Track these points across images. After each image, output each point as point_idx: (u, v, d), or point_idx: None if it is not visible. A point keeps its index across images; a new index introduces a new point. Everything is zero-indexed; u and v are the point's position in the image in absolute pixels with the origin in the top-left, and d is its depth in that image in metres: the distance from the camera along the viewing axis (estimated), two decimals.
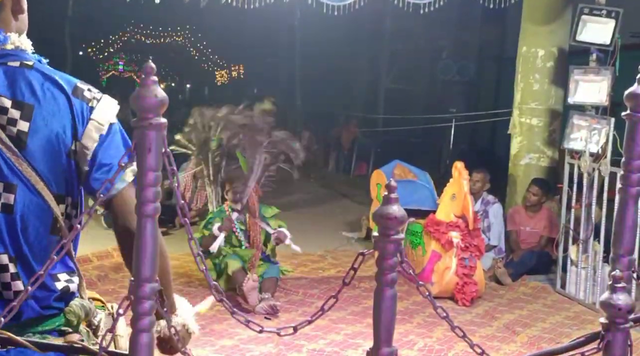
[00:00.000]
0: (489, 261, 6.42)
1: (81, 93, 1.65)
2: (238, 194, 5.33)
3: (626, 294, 1.33)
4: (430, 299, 1.40)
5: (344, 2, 6.07)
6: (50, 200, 1.61)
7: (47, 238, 1.63)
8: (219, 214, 5.41)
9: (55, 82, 1.63)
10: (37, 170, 1.60)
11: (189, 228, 1.34)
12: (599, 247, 5.60)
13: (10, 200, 1.59)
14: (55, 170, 1.61)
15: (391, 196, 1.26)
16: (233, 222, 5.33)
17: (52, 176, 1.61)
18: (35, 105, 1.59)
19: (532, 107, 6.93)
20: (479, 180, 6.51)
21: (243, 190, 5.31)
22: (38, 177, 1.59)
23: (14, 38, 1.65)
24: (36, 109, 1.59)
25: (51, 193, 1.61)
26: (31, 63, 1.64)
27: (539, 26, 6.86)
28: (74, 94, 1.64)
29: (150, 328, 1.20)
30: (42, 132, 1.59)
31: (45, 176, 1.60)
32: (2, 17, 1.67)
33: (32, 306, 1.63)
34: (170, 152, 1.22)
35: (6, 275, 1.61)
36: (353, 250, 6.94)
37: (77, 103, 1.63)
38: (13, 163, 1.58)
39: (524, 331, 4.93)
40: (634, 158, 1.50)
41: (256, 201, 5.39)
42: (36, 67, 1.64)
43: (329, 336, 4.66)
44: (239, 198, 5.33)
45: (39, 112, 1.59)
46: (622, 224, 1.53)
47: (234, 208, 5.38)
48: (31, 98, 1.60)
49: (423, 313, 5.17)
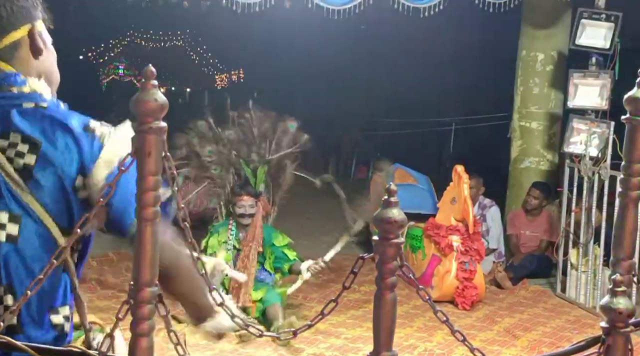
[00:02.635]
0: (489, 265, 6.42)
1: (92, 130, 1.64)
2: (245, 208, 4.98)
3: (626, 298, 1.33)
4: (431, 303, 1.39)
5: (344, 6, 6.07)
6: (56, 233, 1.61)
7: (54, 271, 1.63)
8: (221, 226, 5.10)
9: (66, 120, 1.63)
10: (43, 203, 1.60)
11: (189, 232, 1.34)
12: (599, 250, 5.60)
13: (14, 231, 1.59)
14: (60, 204, 1.61)
15: (391, 200, 1.26)
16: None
17: (58, 209, 1.61)
18: (43, 141, 1.60)
19: (531, 110, 6.93)
20: (473, 186, 6.50)
21: (252, 205, 4.99)
22: (43, 209, 1.60)
23: (31, 82, 1.64)
24: (44, 144, 1.60)
25: (57, 226, 1.61)
26: (45, 105, 1.64)
27: (538, 30, 6.86)
28: (85, 130, 1.63)
29: (150, 332, 1.20)
30: (49, 167, 1.60)
31: (51, 209, 1.60)
32: (20, 57, 1.66)
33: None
34: (170, 155, 1.22)
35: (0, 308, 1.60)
36: (353, 254, 6.93)
37: (86, 138, 1.62)
38: (19, 195, 1.58)
39: (524, 335, 4.93)
40: (634, 161, 1.50)
41: (260, 217, 5.03)
42: (50, 108, 1.64)
43: (329, 341, 4.65)
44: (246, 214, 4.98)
45: (46, 147, 1.60)
46: (622, 228, 1.52)
47: (241, 223, 5.02)
48: (41, 135, 1.60)
49: (423, 317, 5.16)
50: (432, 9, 6.16)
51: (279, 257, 5.01)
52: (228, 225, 5.06)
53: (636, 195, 1.51)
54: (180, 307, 1.75)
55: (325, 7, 6.06)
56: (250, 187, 5.15)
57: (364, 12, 6.18)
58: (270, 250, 5.01)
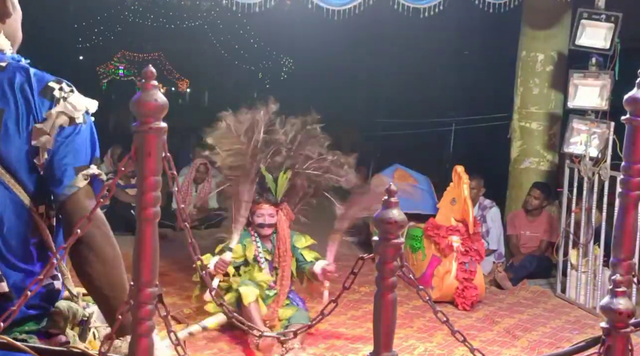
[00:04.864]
0: (489, 265, 6.42)
1: (50, 93, 1.62)
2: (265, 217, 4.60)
3: (626, 298, 1.33)
4: (431, 303, 1.40)
5: (344, 7, 6.07)
6: (28, 201, 1.61)
7: (28, 239, 1.63)
8: (242, 238, 4.61)
9: (27, 82, 1.61)
10: (12, 172, 1.59)
11: (189, 232, 1.34)
12: (599, 251, 5.60)
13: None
14: (28, 172, 1.61)
15: (391, 200, 1.26)
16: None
17: (27, 177, 1.61)
18: (5, 109, 1.59)
19: (531, 111, 6.94)
20: (474, 187, 6.50)
21: (272, 214, 4.61)
22: (13, 178, 1.59)
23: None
24: (6, 113, 1.59)
25: (27, 194, 1.61)
26: (4, 64, 1.63)
27: (538, 30, 6.87)
28: (41, 94, 1.61)
29: (150, 332, 1.20)
30: (13, 135, 1.59)
31: (20, 177, 1.60)
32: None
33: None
34: (170, 156, 1.22)
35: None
36: (353, 255, 6.93)
37: (42, 103, 1.61)
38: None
39: (524, 335, 4.93)
40: (634, 162, 1.50)
41: (286, 227, 4.66)
42: (10, 67, 1.62)
43: (329, 341, 4.66)
44: (267, 223, 4.60)
45: (9, 115, 1.59)
46: (622, 228, 1.52)
47: (261, 233, 4.64)
48: (0, 101, 1.59)
49: (423, 317, 5.16)
50: (432, 9, 6.16)
51: (299, 261, 4.67)
52: (251, 237, 4.64)
53: (636, 196, 1.51)
54: (180, 307, 1.75)
55: (325, 8, 6.06)
56: (271, 195, 4.70)
57: (364, 12, 6.17)
58: (293, 253, 4.68)
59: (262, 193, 4.66)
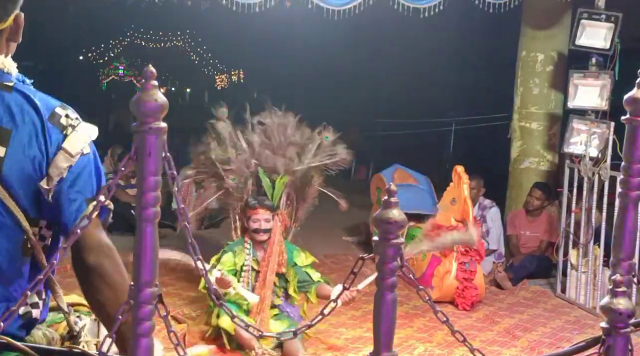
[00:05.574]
0: (489, 265, 6.42)
1: (57, 120, 1.63)
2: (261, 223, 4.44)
3: (627, 298, 1.33)
4: (431, 303, 1.39)
5: (344, 6, 6.07)
6: (24, 222, 1.61)
7: (18, 260, 1.63)
8: (235, 245, 4.50)
9: (33, 105, 1.62)
10: (11, 194, 1.59)
11: (190, 233, 1.34)
12: (599, 251, 5.60)
13: None
14: (30, 194, 1.61)
15: (391, 200, 1.26)
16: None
17: (27, 200, 1.61)
18: (13, 130, 1.59)
19: (531, 111, 6.94)
20: (474, 187, 6.50)
21: (268, 219, 4.44)
22: (12, 199, 1.59)
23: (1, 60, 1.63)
24: (13, 134, 1.59)
25: (25, 215, 1.61)
26: (11, 84, 1.63)
27: (538, 30, 6.87)
28: (50, 120, 1.62)
29: (150, 332, 1.20)
30: (18, 157, 1.59)
31: (21, 199, 1.60)
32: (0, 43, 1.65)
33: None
34: (170, 156, 1.22)
35: None
36: (353, 254, 6.93)
37: (52, 130, 1.62)
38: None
39: (524, 335, 4.93)
40: (634, 162, 1.50)
41: (279, 233, 4.49)
42: (16, 89, 1.63)
43: (329, 341, 4.65)
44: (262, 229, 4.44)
45: (16, 136, 1.59)
46: (622, 228, 1.53)
47: (255, 239, 4.46)
48: (9, 122, 1.59)
49: (423, 317, 5.16)
50: (432, 9, 6.17)
51: (302, 280, 4.44)
52: (244, 244, 4.47)
53: (636, 196, 1.51)
54: (180, 307, 1.75)
55: (325, 8, 6.06)
56: (267, 200, 4.58)
57: (364, 12, 6.18)
58: (293, 271, 4.45)
59: (258, 198, 4.56)
